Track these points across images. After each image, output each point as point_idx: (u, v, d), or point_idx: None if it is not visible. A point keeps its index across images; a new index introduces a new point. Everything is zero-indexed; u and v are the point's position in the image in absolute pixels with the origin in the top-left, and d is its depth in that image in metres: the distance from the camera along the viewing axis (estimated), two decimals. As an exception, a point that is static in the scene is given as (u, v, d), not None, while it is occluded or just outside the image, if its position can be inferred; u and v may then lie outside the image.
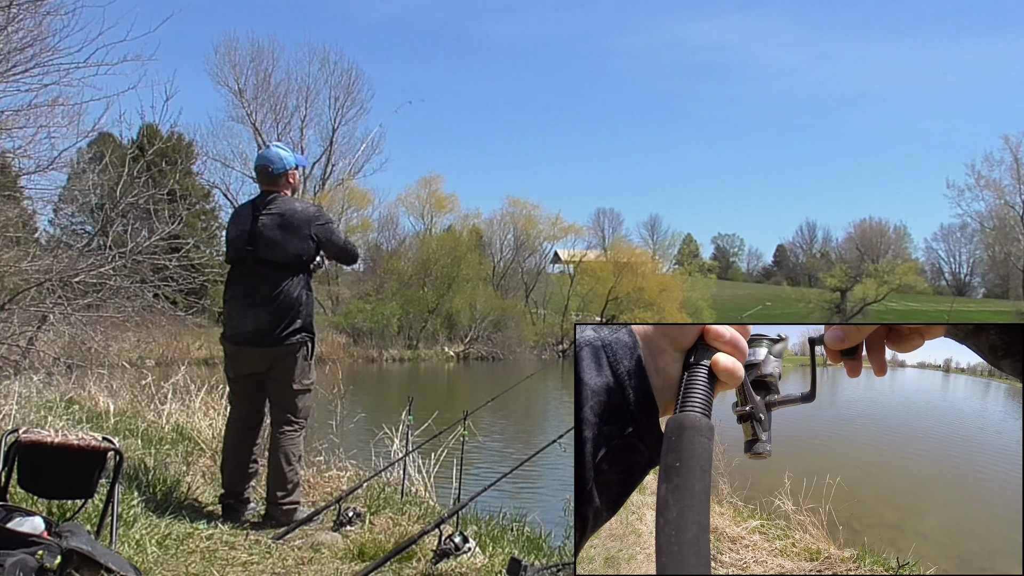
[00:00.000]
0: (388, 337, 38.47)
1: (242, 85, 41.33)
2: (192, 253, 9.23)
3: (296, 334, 4.13)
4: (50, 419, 6.24)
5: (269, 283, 4.10)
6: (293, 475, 4.15)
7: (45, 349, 9.19)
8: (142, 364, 14.11)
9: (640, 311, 47.57)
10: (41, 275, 8.11)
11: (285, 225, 4.12)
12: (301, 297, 4.15)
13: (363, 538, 3.84)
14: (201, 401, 7.87)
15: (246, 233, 4.17)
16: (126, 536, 3.44)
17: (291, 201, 4.23)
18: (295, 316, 4.12)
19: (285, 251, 4.11)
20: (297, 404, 4.19)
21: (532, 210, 53.09)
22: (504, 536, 4.55)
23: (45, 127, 7.83)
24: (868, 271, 63.56)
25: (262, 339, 4.11)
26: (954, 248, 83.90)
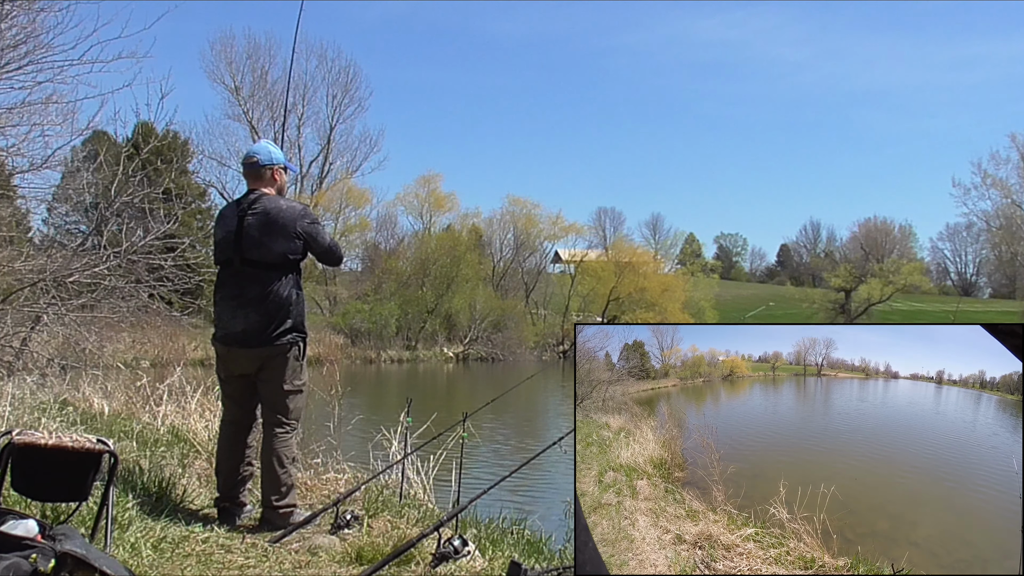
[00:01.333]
0: (386, 338, 38.50)
1: (238, 82, 41.51)
2: (188, 253, 9.21)
3: (286, 334, 4.13)
4: (44, 421, 6.25)
5: (257, 283, 4.11)
6: (287, 477, 4.14)
7: (39, 350, 9.19)
8: (137, 365, 14.10)
9: (642, 311, 47.64)
10: (35, 275, 8.12)
11: (271, 224, 4.12)
12: (291, 297, 4.15)
13: (361, 541, 3.84)
14: (197, 403, 7.87)
15: (232, 234, 4.17)
16: (121, 539, 3.44)
17: (276, 200, 4.22)
18: (285, 316, 4.12)
19: (272, 250, 4.11)
20: (288, 405, 4.18)
21: (532, 209, 53.23)
22: (504, 539, 4.54)
23: (39, 125, 7.85)
24: (873, 271, 63.57)
25: (251, 340, 4.11)
26: (960, 248, 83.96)
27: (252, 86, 41.65)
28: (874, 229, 72.26)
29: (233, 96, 41.43)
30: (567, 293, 51.13)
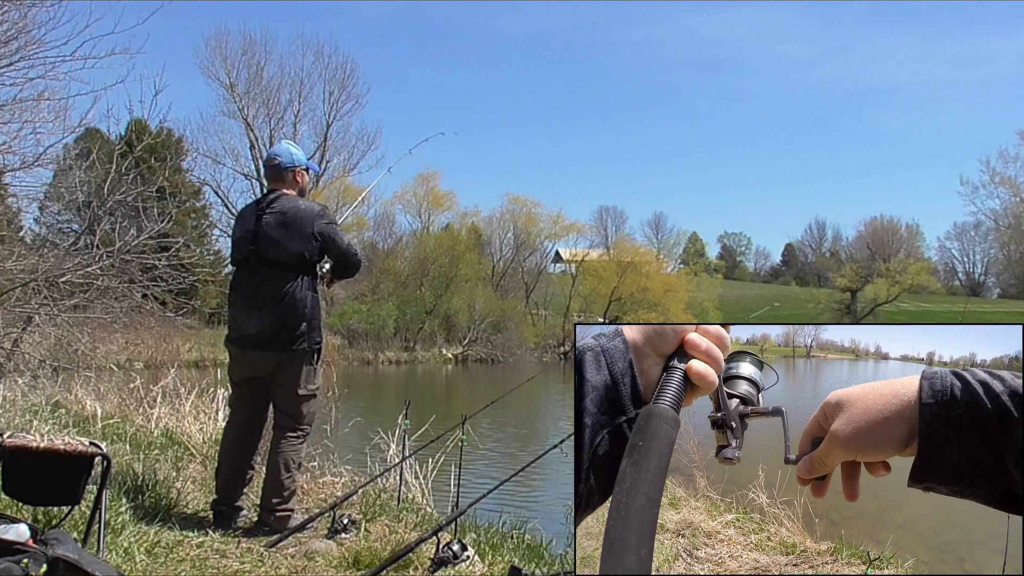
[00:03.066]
0: (384, 339, 38.50)
1: (233, 79, 41.34)
2: (182, 252, 9.24)
3: (301, 337, 4.11)
4: (35, 423, 6.25)
5: (273, 284, 4.10)
6: (291, 482, 4.15)
7: (30, 351, 9.18)
8: (130, 367, 14.12)
9: (644, 312, 47.66)
10: (26, 275, 8.11)
11: (288, 223, 4.11)
12: (306, 299, 4.12)
13: (358, 546, 3.84)
14: (191, 405, 7.87)
15: (249, 233, 4.17)
16: (114, 544, 3.44)
17: (294, 199, 4.22)
18: (300, 319, 4.10)
19: (288, 250, 4.10)
20: (302, 410, 4.18)
21: (533, 208, 53.24)
22: (504, 544, 4.55)
23: (30, 122, 7.83)
24: (879, 271, 63.64)
25: (266, 342, 4.11)
26: (968, 247, 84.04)
27: (247, 82, 41.55)
28: (880, 228, 72.39)
29: (228, 93, 41.33)
30: (568, 293, 51.11)
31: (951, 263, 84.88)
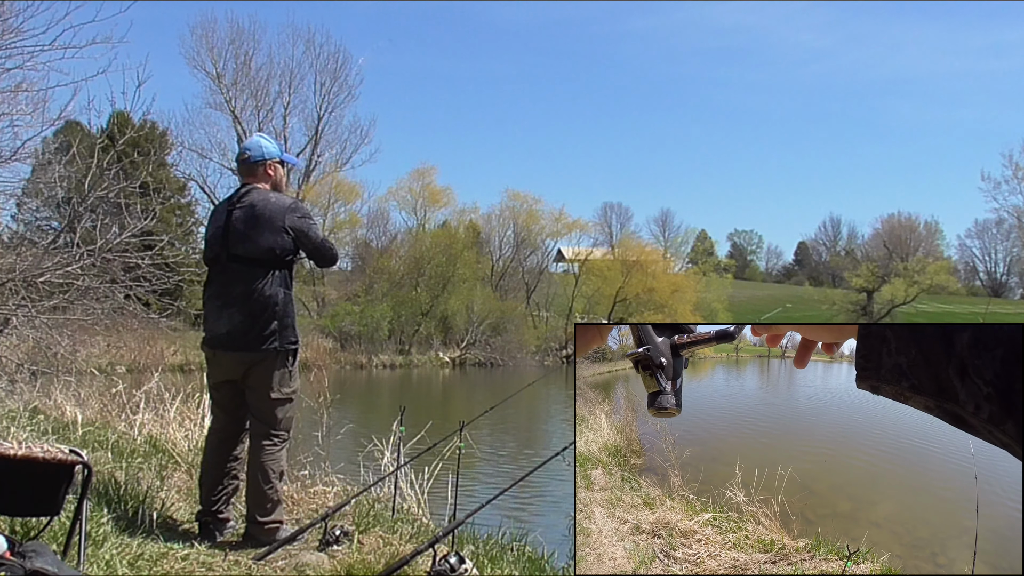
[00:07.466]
0: (378, 341, 38.48)
1: (220, 69, 41.42)
2: (166, 251, 9.25)
3: (272, 336, 4.11)
4: (13, 430, 6.25)
5: (242, 281, 4.10)
6: (273, 493, 4.12)
7: (8, 355, 9.19)
8: (112, 371, 14.12)
9: (650, 313, 47.67)
10: (3, 275, 8.11)
11: (257, 217, 4.12)
12: (277, 296, 4.12)
13: (351, 559, 3.85)
14: (176, 411, 7.87)
15: (220, 229, 4.18)
16: (95, 556, 3.44)
17: (264, 193, 4.23)
18: (271, 316, 4.10)
19: (257, 245, 4.10)
20: (276, 415, 4.15)
21: (534, 204, 53.29)
22: (503, 556, 4.55)
23: (7, 115, 7.85)
24: (897, 270, 63.66)
25: (236, 342, 4.11)
26: (989, 245, 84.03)
27: (235, 73, 41.64)
28: (898, 226, 72.34)
29: (215, 83, 41.42)
30: (571, 294, 51.16)
31: (972, 262, 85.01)
